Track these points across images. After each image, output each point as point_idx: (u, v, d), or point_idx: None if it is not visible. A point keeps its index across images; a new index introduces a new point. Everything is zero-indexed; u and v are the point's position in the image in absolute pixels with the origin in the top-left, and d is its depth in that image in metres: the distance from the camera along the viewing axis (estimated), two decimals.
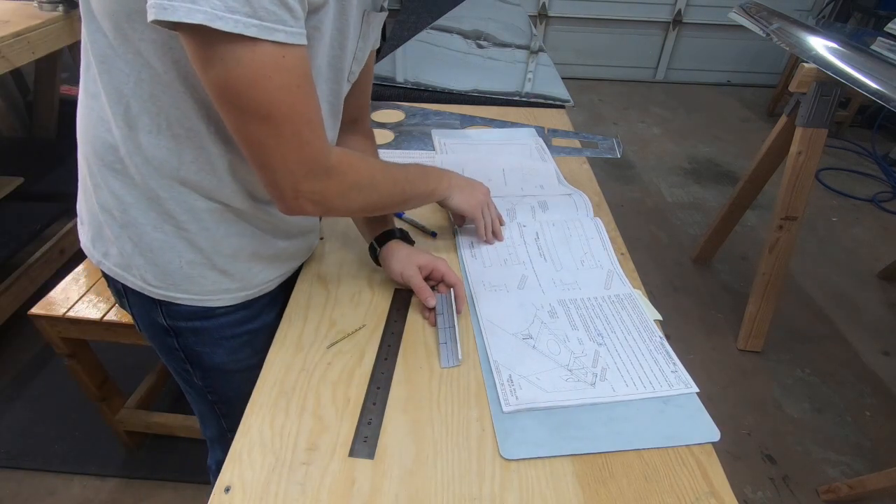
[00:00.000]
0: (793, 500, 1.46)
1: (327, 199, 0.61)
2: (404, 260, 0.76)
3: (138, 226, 0.63)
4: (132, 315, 0.75)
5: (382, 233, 0.79)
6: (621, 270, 0.84)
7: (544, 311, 0.76)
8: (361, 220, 0.84)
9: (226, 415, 0.85)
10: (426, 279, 0.75)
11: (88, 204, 0.67)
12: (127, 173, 0.61)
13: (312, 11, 0.52)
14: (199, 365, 0.77)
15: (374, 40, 0.72)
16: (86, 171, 0.65)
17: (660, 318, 0.76)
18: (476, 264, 0.85)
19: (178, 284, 0.68)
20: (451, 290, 0.75)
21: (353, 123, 0.81)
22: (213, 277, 0.68)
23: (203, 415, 0.88)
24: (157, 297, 0.69)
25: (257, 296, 0.74)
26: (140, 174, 0.60)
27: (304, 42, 0.50)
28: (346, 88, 0.69)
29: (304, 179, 0.56)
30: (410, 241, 0.81)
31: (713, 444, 0.60)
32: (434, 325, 0.73)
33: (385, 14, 0.69)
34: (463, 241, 0.89)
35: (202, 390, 0.81)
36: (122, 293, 0.71)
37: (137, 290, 0.68)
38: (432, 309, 0.74)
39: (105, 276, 0.72)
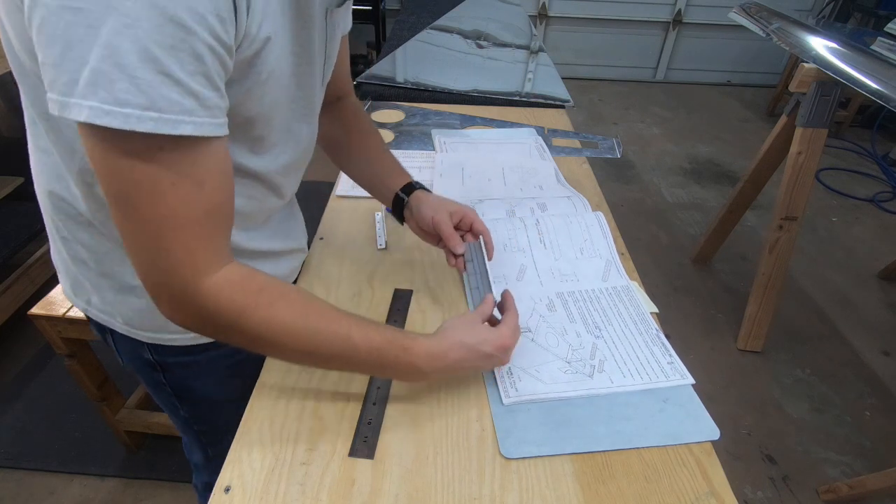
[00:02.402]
0: (793, 500, 1.45)
1: (186, 323, 0.49)
2: (435, 205, 0.73)
3: (116, 274, 0.60)
4: (116, 351, 0.72)
5: (406, 185, 0.77)
6: (619, 261, 0.84)
7: (542, 304, 0.77)
8: (370, 177, 0.81)
9: (211, 443, 0.83)
10: (455, 228, 0.73)
11: (61, 255, 0.64)
12: (94, 226, 0.57)
13: (245, 65, 0.46)
14: (188, 398, 0.74)
15: (345, 27, 0.69)
16: (52, 225, 0.61)
17: (656, 310, 0.77)
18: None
19: (166, 325, 0.61)
20: (481, 237, 0.73)
21: (339, 101, 0.79)
22: None
23: (188, 443, 0.86)
24: (145, 339, 0.66)
25: None
26: (108, 227, 0.56)
27: (221, 132, 0.44)
28: (322, 91, 0.65)
29: (160, 294, 0.47)
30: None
31: (713, 443, 0.60)
32: (463, 269, 0.73)
33: (349, 3, 0.63)
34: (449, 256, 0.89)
35: (188, 421, 0.79)
36: (107, 332, 0.68)
37: (124, 333, 0.66)
38: (458, 256, 0.72)
39: (87, 317, 0.69)
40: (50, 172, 0.55)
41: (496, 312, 0.66)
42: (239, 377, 0.70)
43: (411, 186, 0.77)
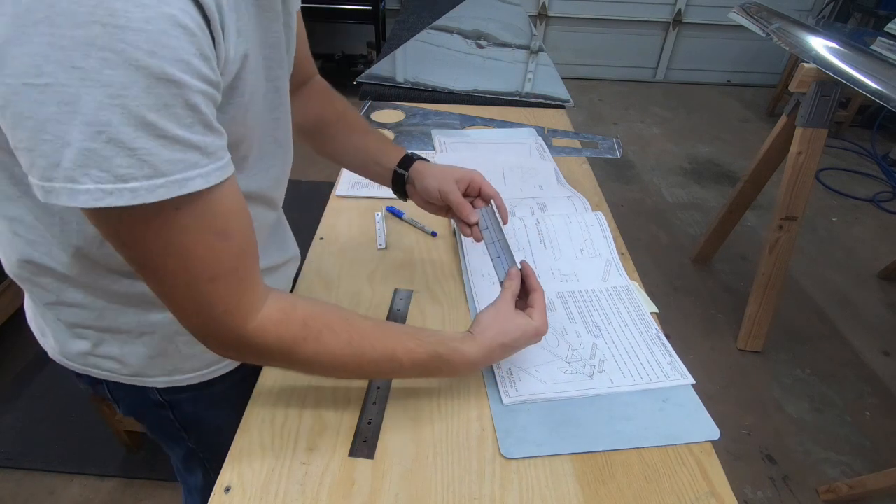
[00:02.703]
0: (793, 500, 1.45)
1: (244, 359, 0.51)
2: (439, 175, 0.70)
3: (122, 326, 0.58)
4: (113, 400, 0.69)
5: (402, 158, 0.73)
6: (619, 261, 0.84)
7: None
8: (361, 158, 0.77)
9: (214, 468, 0.80)
10: (463, 196, 0.70)
11: (45, 320, 0.61)
12: (85, 284, 0.54)
13: (227, 91, 0.44)
14: (195, 428, 0.72)
15: (296, 2, 0.64)
16: (33, 294, 0.58)
17: (656, 310, 0.77)
18: (476, 250, 0.85)
19: (177, 367, 0.63)
20: (492, 202, 0.70)
21: (305, 85, 0.76)
22: None
23: (185, 468, 0.82)
24: (156, 385, 0.64)
25: None
26: (100, 284, 0.54)
27: (227, 174, 0.41)
28: (288, 79, 0.61)
29: (209, 340, 0.48)
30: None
31: (713, 443, 0.60)
32: (480, 239, 0.69)
33: None
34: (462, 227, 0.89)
35: (193, 450, 0.76)
36: (100, 384, 0.65)
37: (129, 383, 0.63)
38: (472, 225, 0.69)
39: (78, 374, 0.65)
40: (23, 241, 0.51)
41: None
42: (248, 399, 0.69)
43: (409, 159, 0.73)
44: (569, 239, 0.87)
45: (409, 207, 0.96)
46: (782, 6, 2.02)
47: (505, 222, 0.70)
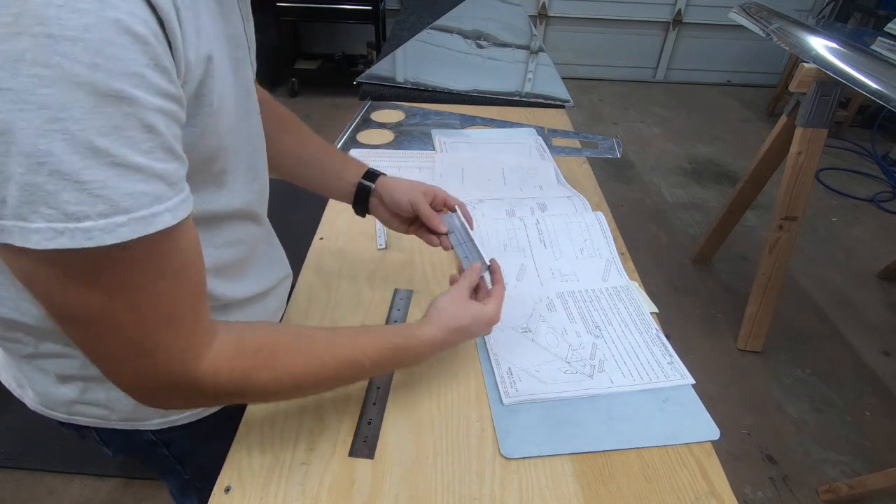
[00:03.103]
0: (793, 500, 1.45)
1: (194, 405, 0.47)
2: (408, 188, 0.70)
3: None
4: (104, 445, 0.65)
5: (366, 173, 0.72)
6: (619, 261, 0.85)
7: (542, 304, 0.77)
8: (318, 172, 0.73)
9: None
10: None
11: (24, 371, 0.56)
12: (62, 334, 0.47)
13: (193, 100, 0.39)
14: (192, 462, 0.70)
15: None
16: (6, 348, 0.54)
17: (656, 310, 0.77)
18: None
19: (173, 410, 0.60)
20: (456, 208, 0.71)
21: None
22: None
23: (184, 495, 0.79)
24: (149, 427, 0.61)
25: None
26: None
27: (191, 206, 0.37)
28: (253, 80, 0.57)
29: (153, 391, 0.42)
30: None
31: (713, 443, 0.60)
32: (448, 248, 0.70)
33: None
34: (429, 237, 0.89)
35: (189, 481, 0.73)
36: (87, 430, 0.62)
37: (122, 429, 0.60)
38: (441, 235, 0.70)
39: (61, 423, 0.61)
40: None
41: (487, 278, 0.66)
42: None
43: (372, 174, 0.72)
44: (569, 239, 0.87)
45: None
46: (782, 6, 2.02)
47: (471, 228, 0.71)
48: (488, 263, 0.66)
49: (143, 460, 0.71)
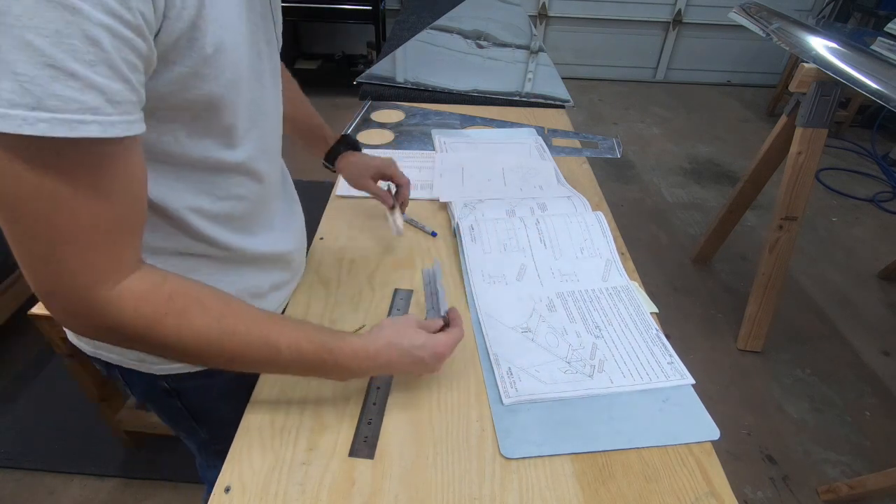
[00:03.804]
0: (793, 500, 1.45)
1: (94, 336, 0.45)
2: (361, 169, 0.83)
3: None
4: (127, 385, 0.68)
5: (337, 141, 0.86)
6: (619, 260, 0.85)
7: (542, 304, 0.77)
8: (304, 126, 0.85)
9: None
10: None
11: None
12: None
13: (182, 42, 0.41)
14: (206, 419, 0.72)
15: None
16: None
17: (656, 310, 0.77)
18: (475, 249, 0.85)
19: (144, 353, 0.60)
20: (434, 265, 0.78)
21: None
22: None
23: (204, 463, 0.84)
24: (160, 373, 0.63)
25: None
26: None
27: (134, 131, 0.38)
28: (279, 56, 0.59)
29: (57, 306, 0.42)
30: (358, 148, 0.88)
31: (713, 443, 0.60)
32: (391, 208, 0.84)
33: None
34: (463, 225, 0.89)
35: (207, 443, 0.77)
36: (114, 368, 0.65)
37: (136, 369, 0.63)
38: (391, 208, 0.83)
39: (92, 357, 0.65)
40: None
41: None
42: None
43: (338, 147, 0.86)
44: (569, 239, 0.87)
45: (410, 207, 0.96)
46: (782, 6, 2.02)
47: (403, 210, 0.85)
48: (443, 314, 0.64)
49: (163, 415, 0.74)
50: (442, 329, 0.62)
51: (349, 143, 0.87)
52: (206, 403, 0.69)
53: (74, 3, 0.32)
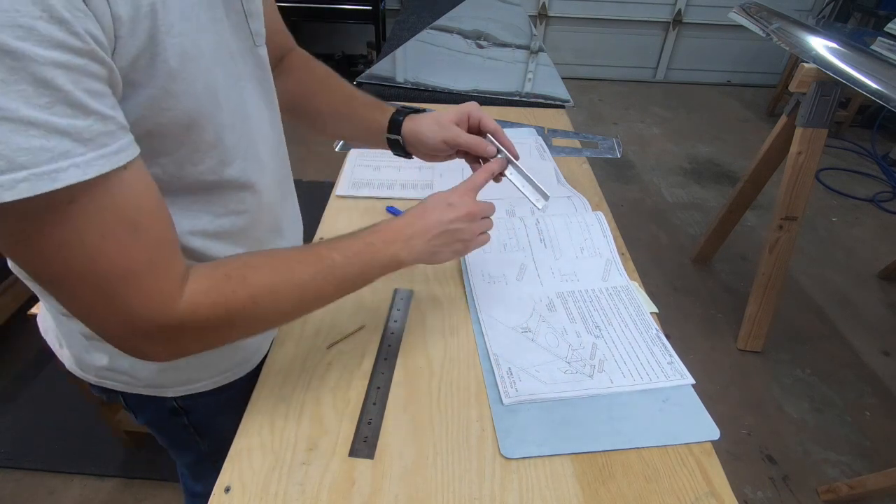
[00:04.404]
0: (793, 500, 1.45)
1: (185, 351, 0.46)
2: (436, 126, 0.65)
3: None
4: (130, 410, 0.68)
5: (390, 123, 0.69)
6: (619, 261, 0.84)
7: (542, 304, 0.77)
8: (350, 128, 0.73)
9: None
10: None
11: (63, 330, 0.60)
12: None
13: (143, 60, 0.38)
14: (209, 433, 0.71)
15: None
16: (47, 301, 0.57)
17: (656, 310, 0.77)
18: (475, 250, 0.85)
19: (192, 377, 0.63)
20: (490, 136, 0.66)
21: (283, 60, 0.70)
22: (227, 352, 0.63)
23: (196, 475, 0.81)
24: (171, 395, 0.63)
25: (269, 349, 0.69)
26: None
27: (125, 159, 0.36)
28: (264, 51, 0.56)
29: (139, 342, 0.43)
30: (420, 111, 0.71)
31: (713, 443, 0.60)
32: (499, 179, 0.66)
33: None
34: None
35: (206, 455, 0.74)
36: (116, 394, 0.64)
37: (146, 395, 0.63)
38: (491, 158, 0.65)
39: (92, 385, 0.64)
40: None
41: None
42: None
43: (396, 123, 0.68)
44: (569, 238, 0.87)
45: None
46: (782, 6, 2.02)
47: (516, 157, 0.66)
48: (548, 194, 0.63)
49: (163, 434, 0.73)
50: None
51: (411, 111, 0.71)
52: (211, 417, 0.69)
53: (14, 47, 0.29)
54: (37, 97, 0.30)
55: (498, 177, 0.67)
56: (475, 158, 0.67)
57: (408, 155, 0.71)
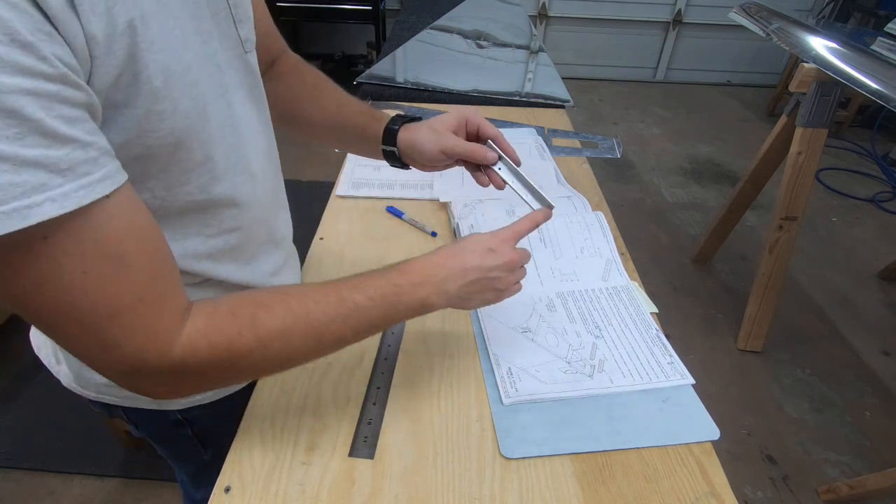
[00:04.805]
0: (793, 500, 1.45)
1: (187, 392, 0.44)
2: (434, 134, 0.62)
3: None
4: (130, 424, 0.67)
5: (385, 133, 0.65)
6: (620, 260, 0.84)
7: (542, 304, 0.77)
8: (340, 135, 0.69)
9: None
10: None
11: (59, 347, 0.58)
12: None
13: (124, 80, 0.36)
14: (214, 442, 0.69)
15: None
16: None
17: (656, 310, 0.77)
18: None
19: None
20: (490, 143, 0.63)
21: (274, 64, 0.68)
22: None
23: (196, 484, 0.80)
24: (174, 408, 0.62)
25: None
26: None
27: (110, 188, 0.34)
28: (254, 57, 0.54)
29: (135, 382, 0.41)
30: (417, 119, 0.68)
31: (713, 443, 0.60)
32: (501, 186, 0.64)
33: None
34: (463, 225, 0.89)
35: (208, 464, 0.72)
36: (116, 409, 0.63)
37: (148, 408, 0.61)
38: (490, 166, 0.62)
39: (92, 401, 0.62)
40: None
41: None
42: None
43: (391, 132, 0.65)
44: (569, 238, 0.87)
45: (410, 207, 0.96)
46: (782, 6, 2.02)
47: (518, 163, 0.63)
48: (553, 204, 0.60)
49: (164, 445, 0.73)
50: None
51: (407, 119, 0.67)
52: (215, 425, 0.67)
53: None
54: (4, 128, 0.28)
55: (501, 184, 0.64)
56: (476, 166, 0.64)
57: (404, 166, 0.68)
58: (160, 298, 0.39)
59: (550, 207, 0.61)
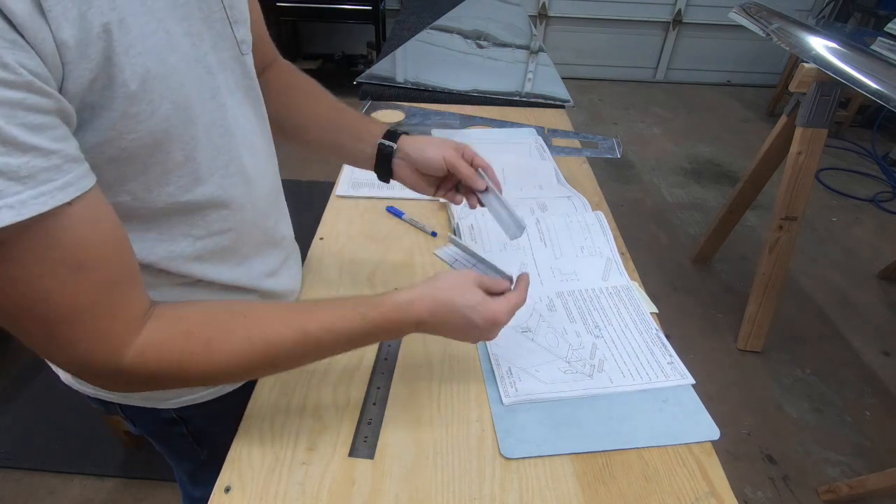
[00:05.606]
0: (793, 500, 1.45)
1: (137, 390, 0.46)
2: (437, 144, 0.65)
3: None
4: (127, 420, 0.67)
5: (386, 133, 0.67)
6: (620, 259, 0.84)
7: (542, 304, 0.77)
8: (334, 135, 0.69)
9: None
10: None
11: None
12: None
13: (99, 84, 0.36)
14: (208, 441, 0.70)
15: None
16: None
17: (656, 310, 0.77)
18: (475, 249, 0.85)
19: (192, 389, 0.62)
20: (450, 241, 0.69)
21: (266, 71, 0.68)
22: None
23: (195, 482, 0.80)
24: (171, 406, 0.63)
25: None
26: None
27: (73, 194, 0.34)
28: (250, 59, 0.54)
29: (90, 378, 0.42)
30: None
31: (713, 443, 0.60)
32: (475, 206, 0.68)
33: None
34: (463, 225, 0.89)
35: (205, 463, 0.73)
36: (113, 405, 0.64)
37: (141, 405, 0.62)
38: (475, 192, 0.66)
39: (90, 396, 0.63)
40: None
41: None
42: None
43: (393, 134, 0.67)
44: (569, 237, 0.87)
45: (410, 207, 0.96)
46: (782, 6, 2.02)
47: (500, 192, 0.68)
48: (524, 225, 0.64)
49: (161, 443, 0.73)
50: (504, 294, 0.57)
51: (401, 130, 0.69)
52: (211, 425, 0.67)
53: None
54: None
55: (476, 203, 0.68)
56: (454, 194, 0.69)
57: (387, 176, 0.69)
58: (116, 304, 0.39)
59: (522, 230, 0.65)
